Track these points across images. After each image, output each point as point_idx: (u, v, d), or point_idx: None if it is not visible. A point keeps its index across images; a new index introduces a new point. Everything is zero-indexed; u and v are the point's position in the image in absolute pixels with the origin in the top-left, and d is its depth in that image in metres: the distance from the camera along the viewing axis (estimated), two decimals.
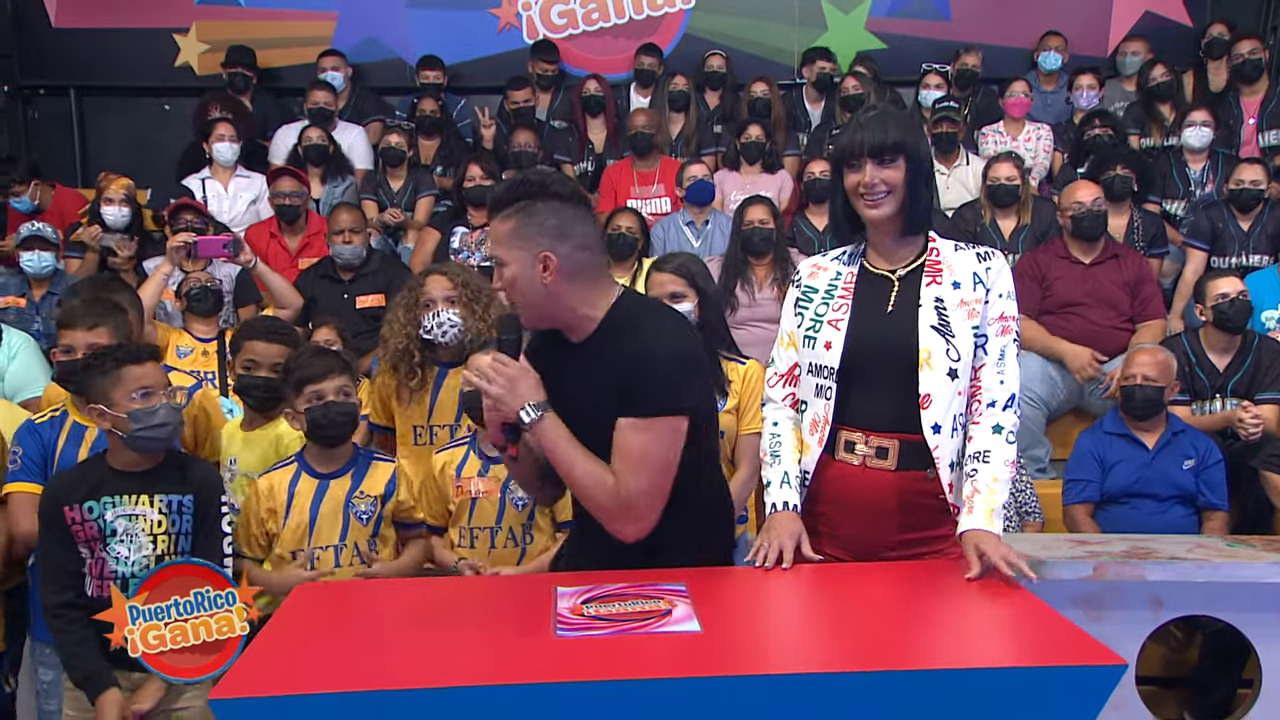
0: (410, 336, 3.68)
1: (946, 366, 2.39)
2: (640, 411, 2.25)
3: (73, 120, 7.85)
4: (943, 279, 2.44)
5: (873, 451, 2.42)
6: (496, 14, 7.68)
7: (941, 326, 2.40)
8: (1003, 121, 6.43)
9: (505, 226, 2.29)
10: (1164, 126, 6.35)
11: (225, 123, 6.17)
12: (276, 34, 7.65)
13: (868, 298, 2.47)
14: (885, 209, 2.40)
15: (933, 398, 2.39)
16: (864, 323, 2.44)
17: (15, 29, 7.67)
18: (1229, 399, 4.52)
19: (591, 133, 6.89)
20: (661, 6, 7.69)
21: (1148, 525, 3.92)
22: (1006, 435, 2.41)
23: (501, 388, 2.23)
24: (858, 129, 2.41)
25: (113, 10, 7.66)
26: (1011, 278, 2.49)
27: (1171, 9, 7.41)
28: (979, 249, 2.50)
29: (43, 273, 5.19)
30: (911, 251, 2.48)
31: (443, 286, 3.68)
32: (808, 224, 5.71)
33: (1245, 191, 5.33)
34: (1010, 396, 2.43)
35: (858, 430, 2.43)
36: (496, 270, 2.33)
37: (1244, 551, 3.42)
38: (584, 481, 2.28)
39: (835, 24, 7.61)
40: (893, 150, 2.37)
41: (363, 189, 6.24)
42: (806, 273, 2.59)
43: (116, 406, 2.76)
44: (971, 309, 2.41)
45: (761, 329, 4.85)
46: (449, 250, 5.49)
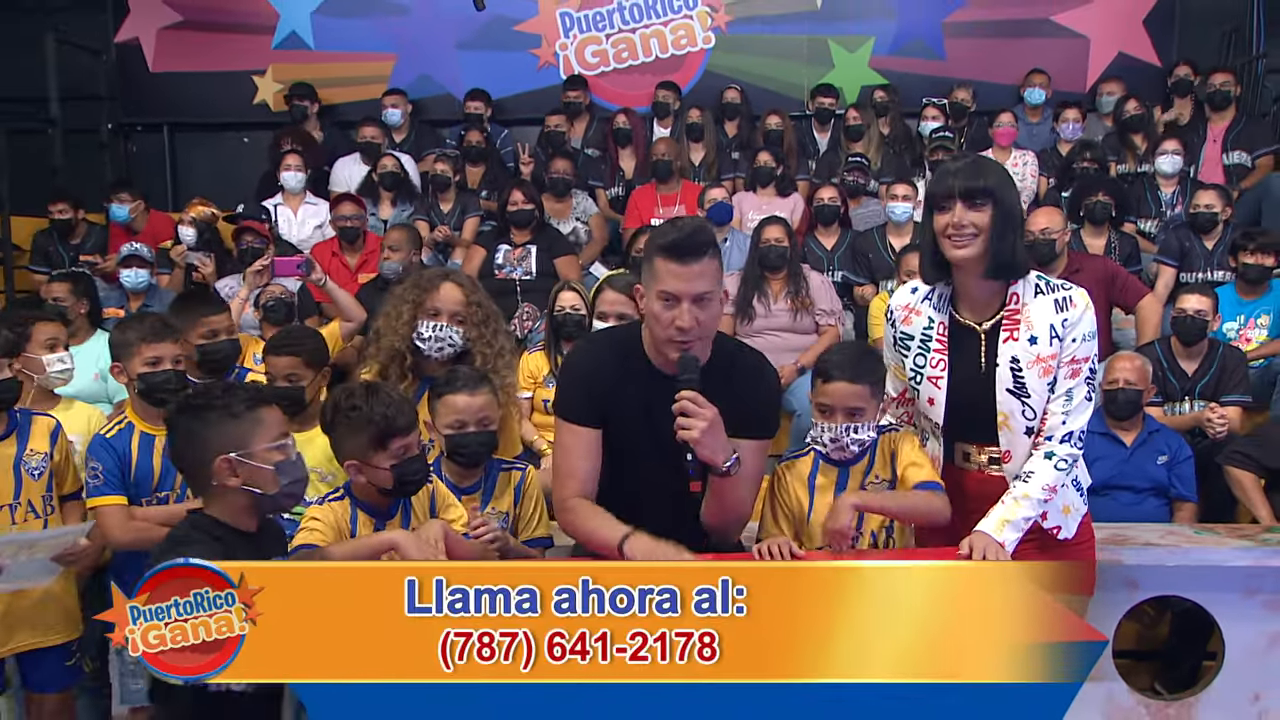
0: (406, 339, 3.09)
1: (1024, 426, 2.35)
2: (768, 434, 2.36)
3: (165, 153, 8.00)
4: (1019, 334, 2.34)
5: (985, 460, 2.43)
6: (536, 53, 7.75)
7: (1017, 389, 2.33)
8: (992, 149, 6.41)
9: (714, 264, 2.22)
10: (1137, 154, 6.34)
11: (294, 154, 6.24)
12: (342, 73, 7.75)
13: (961, 353, 2.39)
14: (971, 250, 2.29)
15: (1012, 454, 2.37)
16: (959, 379, 2.39)
17: (119, 74, 7.86)
18: (1197, 401, 4.49)
19: (622, 161, 6.90)
20: (685, 46, 7.72)
21: (1125, 515, 3.89)
22: (1056, 463, 2.34)
23: (702, 430, 2.14)
24: (951, 174, 2.31)
25: (200, 56, 7.81)
26: (1092, 319, 2.36)
27: (1142, 50, 7.44)
28: (1059, 294, 2.36)
29: (139, 287, 5.27)
30: (996, 299, 2.38)
31: (454, 300, 3.10)
32: (817, 243, 5.72)
33: (1202, 214, 5.33)
34: (1069, 434, 2.36)
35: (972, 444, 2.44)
36: (701, 304, 2.20)
37: (1210, 538, 3.45)
38: (744, 506, 2.33)
39: (841, 62, 7.63)
40: (982, 195, 2.27)
41: (416, 211, 6.28)
42: (900, 316, 2.48)
43: (256, 458, 2.14)
44: (1046, 366, 2.32)
45: (777, 337, 4.88)
46: (493, 265, 5.51)
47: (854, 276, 5.59)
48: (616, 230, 6.30)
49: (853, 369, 2.41)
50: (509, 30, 7.71)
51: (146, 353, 2.97)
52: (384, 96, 7.14)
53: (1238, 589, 3.29)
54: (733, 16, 7.68)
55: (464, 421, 2.72)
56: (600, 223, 6.25)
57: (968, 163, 2.35)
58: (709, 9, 7.68)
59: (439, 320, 3.06)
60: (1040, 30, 7.47)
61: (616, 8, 7.71)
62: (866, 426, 2.43)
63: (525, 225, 5.51)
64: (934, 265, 2.38)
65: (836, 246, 5.69)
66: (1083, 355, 2.33)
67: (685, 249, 2.18)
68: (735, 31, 7.69)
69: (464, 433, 2.72)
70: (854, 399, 2.40)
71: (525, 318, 5.12)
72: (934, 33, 7.57)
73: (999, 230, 2.27)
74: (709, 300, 2.21)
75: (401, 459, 2.44)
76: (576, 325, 4.29)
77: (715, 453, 2.16)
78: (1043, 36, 7.45)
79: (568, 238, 5.86)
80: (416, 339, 3.06)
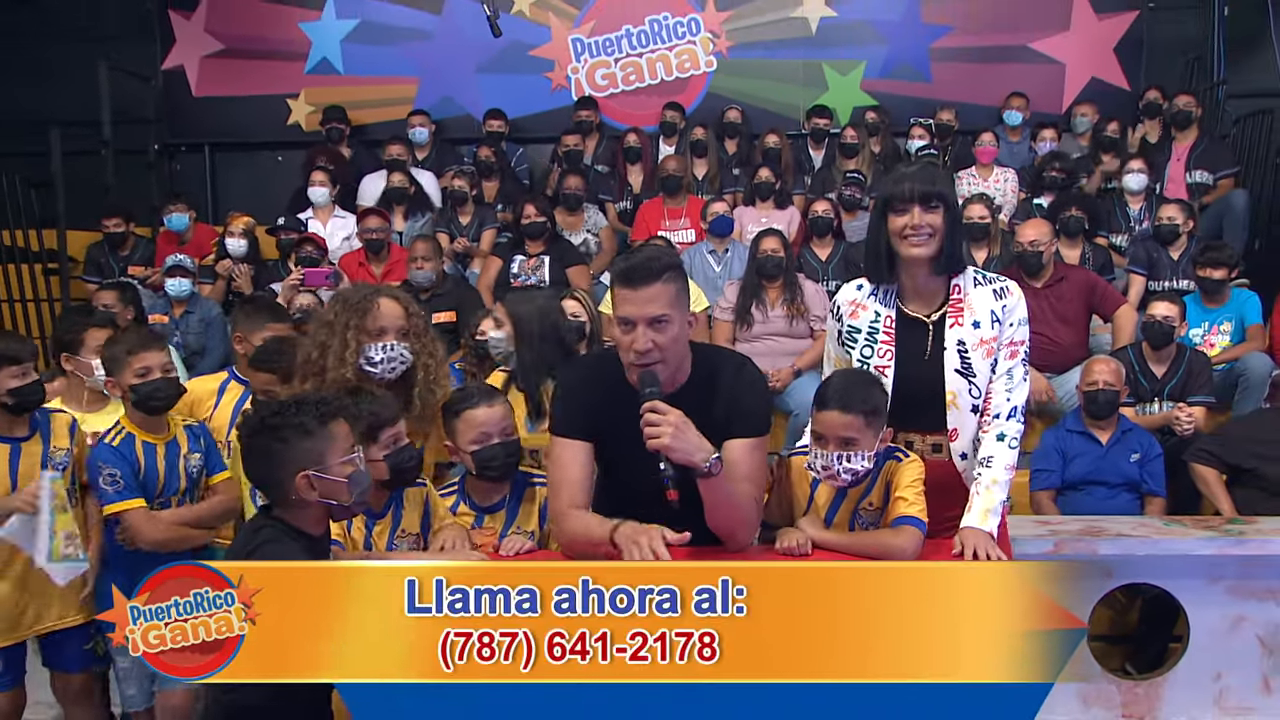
0: (354, 365, 2.62)
1: (970, 403, 2.36)
2: (758, 430, 2.22)
3: (206, 170, 8.07)
4: (964, 319, 2.37)
5: (928, 448, 2.41)
6: (550, 76, 7.80)
7: (964, 369, 2.36)
8: (974, 166, 6.44)
9: (670, 289, 2.14)
10: (1106, 173, 6.37)
11: (322, 171, 6.27)
12: (369, 96, 7.80)
13: (907, 343, 2.39)
14: (927, 249, 2.31)
15: (959, 432, 2.38)
16: (905, 368, 2.38)
17: (165, 98, 7.94)
18: (1166, 402, 4.52)
19: (630, 176, 6.92)
20: (689, 69, 7.77)
21: (1100, 508, 3.92)
22: (1009, 442, 2.35)
23: (671, 436, 2.04)
24: (905, 178, 2.33)
25: (239, 81, 7.88)
26: (1025, 307, 2.41)
27: (1113, 75, 7.50)
28: (996, 284, 2.41)
29: (181, 295, 5.33)
30: (940, 291, 2.40)
31: (396, 314, 2.70)
32: (812, 254, 5.75)
33: (1165, 227, 5.38)
34: (1013, 409, 2.36)
35: (914, 432, 2.41)
36: (657, 327, 2.12)
37: (1177, 530, 3.47)
38: (746, 507, 2.19)
39: (835, 85, 7.67)
40: (936, 198, 2.30)
41: (436, 224, 6.32)
42: (847, 311, 2.47)
43: (332, 472, 2.06)
44: (989, 348, 2.35)
45: (775, 341, 4.92)
46: (509, 274, 5.54)
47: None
48: (625, 241, 6.33)
49: (845, 398, 2.28)
50: (525, 55, 7.75)
51: (136, 364, 2.88)
52: (410, 116, 7.17)
53: (1202, 576, 3.34)
54: (734, 42, 7.73)
55: (489, 434, 2.55)
56: (609, 234, 6.28)
57: (920, 167, 2.38)
58: (711, 35, 7.73)
59: (385, 339, 2.67)
60: (1019, 56, 7.52)
61: (625, 34, 7.76)
62: (861, 456, 2.26)
63: (539, 237, 5.56)
64: (883, 264, 2.39)
65: (830, 257, 5.72)
66: (1020, 338, 2.38)
67: (636, 275, 2.12)
68: (736, 56, 7.73)
69: (490, 445, 2.55)
70: (845, 429, 2.25)
71: None
72: (921, 57, 7.60)
73: (950, 230, 2.32)
74: (666, 323, 2.13)
75: (393, 448, 2.39)
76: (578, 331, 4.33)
77: (690, 454, 2.05)
78: (1022, 62, 7.50)
79: (579, 248, 5.89)
80: (365, 364, 2.64)
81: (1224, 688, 3.37)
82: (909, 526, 2.27)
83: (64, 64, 7.59)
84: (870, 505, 2.39)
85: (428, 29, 7.79)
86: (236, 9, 7.85)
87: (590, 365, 2.55)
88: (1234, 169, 6.31)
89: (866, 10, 7.63)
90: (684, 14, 7.73)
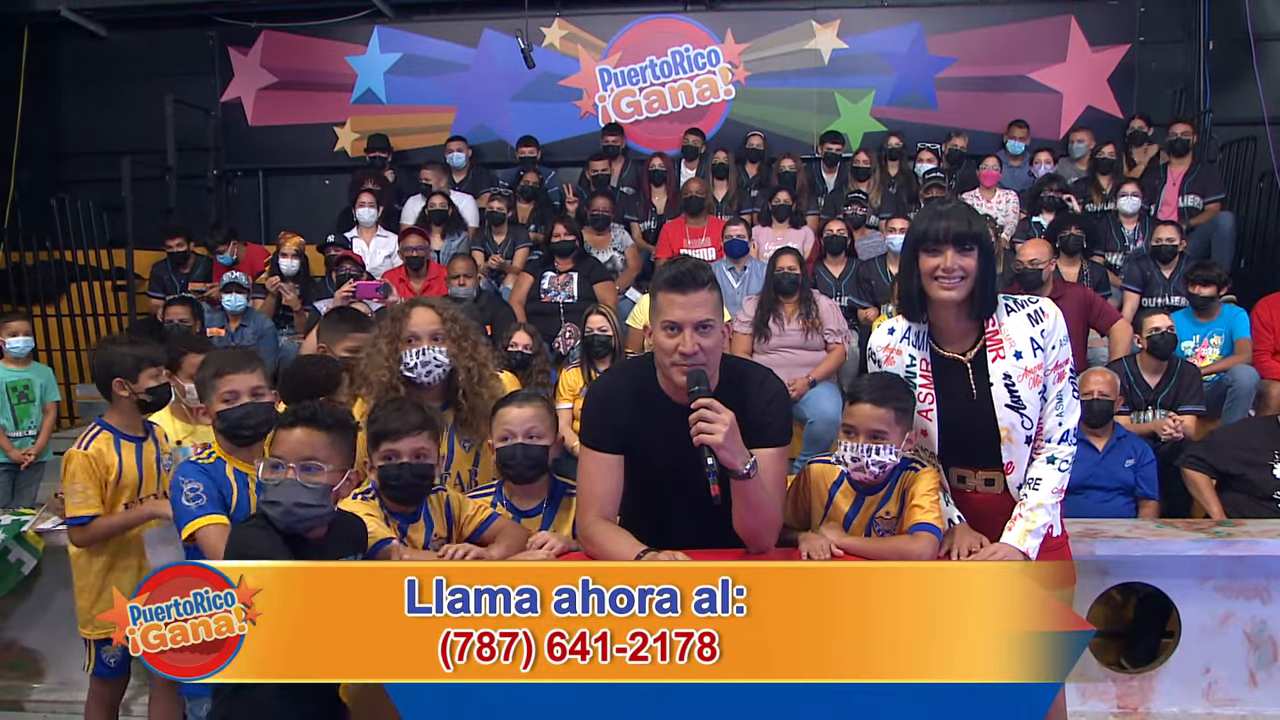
0: (393, 371, 2.70)
1: (1024, 435, 2.23)
2: (780, 440, 2.21)
3: (259, 194, 8.21)
4: (1004, 350, 2.21)
5: (981, 482, 2.31)
6: (578, 104, 7.88)
7: (1014, 403, 2.21)
8: (979, 188, 6.45)
9: (713, 297, 2.17)
10: (1103, 194, 6.36)
11: (367, 193, 6.33)
12: (410, 123, 7.91)
13: (948, 385, 2.26)
14: (958, 293, 2.16)
15: (1015, 465, 2.25)
16: (950, 410, 2.26)
17: (223, 128, 8.10)
18: (1158, 410, 4.52)
19: (654, 198, 6.96)
20: (709, 98, 7.83)
21: (1096, 511, 3.92)
22: (1059, 465, 2.24)
23: (722, 433, 2.03)
24: (939, 217, 2.16)
25: (290, 111, 8.03)
26: (1064, 325, 2.24)
27: (1106, 104, 7.53)
28: (1029, 308, 2.24)
29: (237, 310, 5.42)
30: (974, 329, 2.24)
31: (428, 321, 2.74)
32: (826, 271, 5.77)
33: (1163, 247, 5.38)
34: (1065, 432, 2.24)
35: (967, 468, 2.31)
36: (702, 331, 2.13)
37: (1169, 531, 3.48)
38: (775, 510, 2.18)
39: (846, 111, 7.70)
40: (971, 240, 2.14)
41: (473, 242, 6.39)
42: (883, 357, 2.33)
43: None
44: (1035, 376, 2.20)
45: (791, 354, 4.92)
46: (540, 290, 5.59)
47: (858, 300, 5.65)
48: (649, 259, 6.38)
49: (878, 393, 2.24)
50: (555, 85, 7.84)
51: (222, 388, 2.51)
52: (448, 142, 7.25)
53: (1193, 575, 3.35)
54: (751, 72, 7.78)
55: (512, 433, 2.49)
56: (634, 253, 6.32)
57: (955, 206, 2.20)
58: (729, 65, 7.79)
59: (419, 345, 2.70)
60: (1019, 85, 7.55)
61: (649, 65, 7.84)
62: (889, 450, 2.23)
63: (568, 255, 5.61)
64: (915, 303, 2.24)
65: (843, 274, 5.75)
66: (1063, 359, 2.23)
67: (685, 281, 2.14)
68: (753, 85, 7.79)
69: (509, 445, 2.49)
70: (876, 421, 2.22)
71: (567, 336, 5.16)
72: (927, 86, 7.63)
73: (983, 273, 2.17)
74: (710, 328, 2.14)
75: (389, 462, 2.32)
76: (603, 345, 4.36)
77: (734, 455, 2.05)
78: (1022, 91, 7.53)
79: (606, 266, 5.94)
80: (404, 369, 2.68)
81: (1213, 681, 3.38)
82: (925, 533, 2.24)
83: (134, 98, 7.80)
84: (887, 514, 2.35)
85: (465, 61, 7.89)
86: (289, 45, 8.00)
87: (619, 375, 2.52)
88: (1222, 194, 6.32)
89: (876, 42, 7.68)
90: (704, 46, 7.80)
